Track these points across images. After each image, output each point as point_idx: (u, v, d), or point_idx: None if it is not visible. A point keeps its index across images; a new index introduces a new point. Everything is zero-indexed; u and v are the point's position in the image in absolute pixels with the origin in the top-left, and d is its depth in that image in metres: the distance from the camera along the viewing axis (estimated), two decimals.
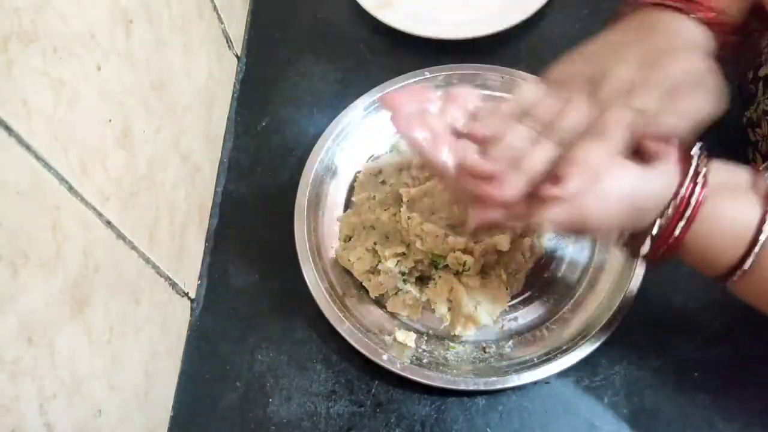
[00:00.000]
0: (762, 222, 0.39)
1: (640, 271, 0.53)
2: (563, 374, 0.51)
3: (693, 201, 0.39)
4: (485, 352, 0.54)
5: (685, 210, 0.40)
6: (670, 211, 0.40)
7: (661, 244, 0.41)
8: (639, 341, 0.53)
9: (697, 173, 0.40)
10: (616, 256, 0.55)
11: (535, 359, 0.52)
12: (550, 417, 0.52)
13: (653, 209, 0.40)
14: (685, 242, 0.41)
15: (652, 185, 0.40)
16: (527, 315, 0.56)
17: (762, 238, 0.39)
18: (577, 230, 0.42)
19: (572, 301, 0.55)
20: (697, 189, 0.40)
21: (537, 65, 0.52)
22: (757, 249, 0.39)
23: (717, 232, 0.40)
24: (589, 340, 0.51)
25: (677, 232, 0.40)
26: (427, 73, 0.65)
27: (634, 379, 0.52)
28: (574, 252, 0.58)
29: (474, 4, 0.73)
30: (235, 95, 0.70)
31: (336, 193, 0.62)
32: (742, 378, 0.51)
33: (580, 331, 0.53)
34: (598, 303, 0.54)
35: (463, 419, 0.52)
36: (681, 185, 0.40)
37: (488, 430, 0.52)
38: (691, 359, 0.53)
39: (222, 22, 0.66)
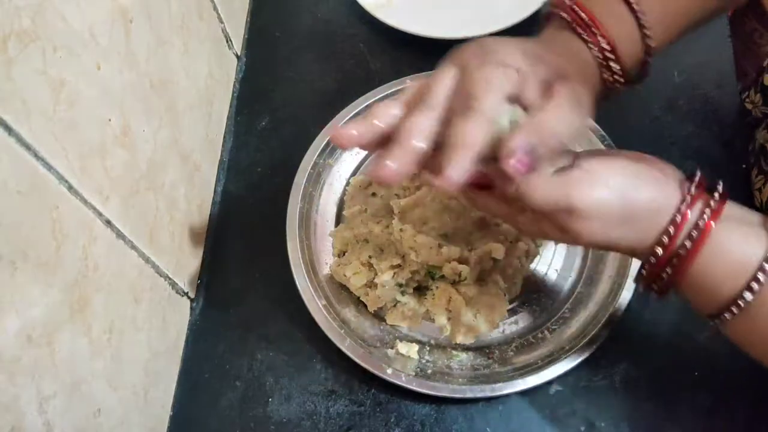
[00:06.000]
0: (766, 258, 0.38)
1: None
2: (563, 374, 0.51)
3: (701, 224, 0.38)
4: (489, 358, 0.54)
5: (690, 233, 0.38)
6: (671, 228, 0.39)
7: (663, 265, 0.40)
8: (639, 341, 0.53)
9: (702, 197, 0.39)
10: (612, 254, 0.55)
11: (539, 362, 0.52)
12: (550, 417, 0.52)
13: (648, 219, 0.39)
14: (689, 271, 0.39)
15: (646, 188, 0.39)
16: (528, 317, 0.56)
17: (761, 276, 0.38)
18: (570, 235, 0.40)
19: (571, 299, 0.55)
20: (707, 215, 0.38)
21: None
22: (757, 286, 0.38)
23: (721, 262, 0.39)
24: (590, 340, 0.51)
25: (681, 252, 0.39)
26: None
27: (634, 379, 0.52)
28: (571, 250, 0.58)
29: (474, 4, 0.73)
30: (235, 95, 0.70)
31: (326, 209, 0.61)
32: (742, 378, 0.51)
33: (581, 331, 0.53)
34: (597, 301, 0.54)
35: (463, 419, 0.52)
36: (682, 201, 0.39)
37: (488, 429, 0.52)
38: (690, 359, 0.53)
39: (222, 22, 0.66)
